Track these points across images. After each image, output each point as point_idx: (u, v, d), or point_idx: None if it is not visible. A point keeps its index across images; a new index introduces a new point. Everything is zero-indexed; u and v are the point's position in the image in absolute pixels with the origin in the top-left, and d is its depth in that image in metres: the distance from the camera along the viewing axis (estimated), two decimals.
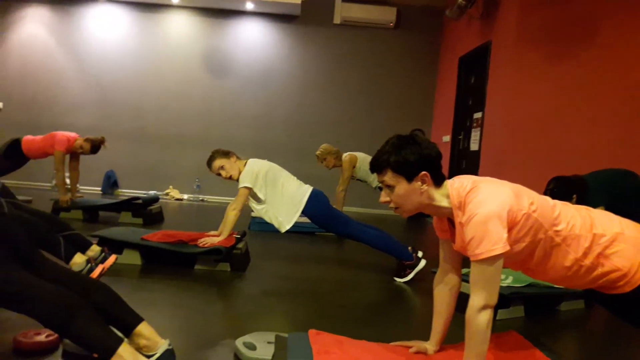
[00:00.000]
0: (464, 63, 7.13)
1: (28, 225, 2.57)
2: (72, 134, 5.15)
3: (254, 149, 7.35)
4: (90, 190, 7.58)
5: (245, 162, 3.56)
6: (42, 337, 1.97)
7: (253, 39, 7.89)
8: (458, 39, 7.34)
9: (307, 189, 3.58)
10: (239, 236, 3.58)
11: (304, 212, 3.52)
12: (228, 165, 3.52)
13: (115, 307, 1.76)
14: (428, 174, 1.68)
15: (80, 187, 5.75)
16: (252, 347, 2.03)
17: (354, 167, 5.49)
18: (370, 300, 3.07)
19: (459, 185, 1.69)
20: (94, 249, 2.83)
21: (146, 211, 5.11)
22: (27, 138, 5.08)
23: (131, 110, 7.86)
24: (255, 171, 3.48)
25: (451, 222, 1.77)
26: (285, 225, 3.53)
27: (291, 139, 7.95)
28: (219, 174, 3.56)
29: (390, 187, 1.71)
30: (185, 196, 7.83)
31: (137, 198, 5.23)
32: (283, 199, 3.52)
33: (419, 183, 1.68)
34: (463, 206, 1.64)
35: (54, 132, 5.11)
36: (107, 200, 5.38)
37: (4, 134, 7.59)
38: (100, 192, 7.66)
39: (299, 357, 1.73)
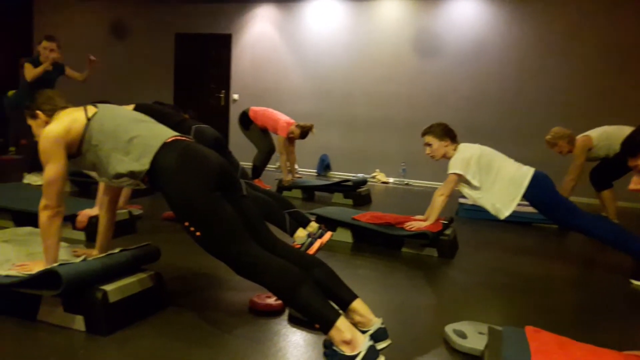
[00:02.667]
0: None
1: (261, 204, 2.92)
2: (291, 120, 5.67)
3: (465, 132, 7.06)
4: (306, 172, 8.26)
5: (456, 147, 3.45)
6: (272, 301, 2.22)
7: (464, 16, 7.59)
8: None
9: (528, 171, 3.32)
10: (446, 222, 3.52)
11: (525, 197, 3.28)
12: (436, 146, 3.46)
13: (333, 283, 1.88)
14: None
15: (297, 168, 6.33)
16: (462, 335, 1.98)
17: (589, 149, 4.66)
18: (598, 302, 2.73)
19: None
20: (313, 226, 3.07)
21: (356, 193, 5.37)
22: (253, 108, 5.80)
23: (342, 97, 8.29)
24: (466, 157, 3.36)
25: None
26: (503, 212, 3.33)
27: (505, 121, 7.47)
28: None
29: None
30: (391, 179, 7.99)
31: (348, 180, 5.53)
32: (500, 183, 3.32)
33: None
34: None
35: (276, 116, 5.67)
36: (322, 182, 5.80)
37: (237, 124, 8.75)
38: (315, 174, 8.29)
39: (516, 352, 1.63)
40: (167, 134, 2.02)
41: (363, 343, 1.63)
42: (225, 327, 2.05)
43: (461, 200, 5.22)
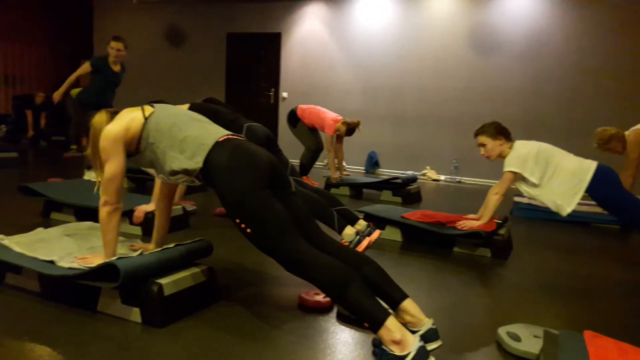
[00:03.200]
0: None
1: (310, 201, 2.93)
2: (338, 117, 5.66)
3: (521, 128, 6.90)
4: (354, 169, 8.24)
5: (511, 145, 3.34)
6: (320, 297, 2.23)
7: (521, 10, 7.34)
8: None
9: (591, 165, 3.18)
10: (500, 221, 3.42)
11: (588, 192, 3.14)
12: (490, 146, 3.36)
13: (383, 281, 1.86)
14: None
15: (345, 165, 6.30)
16: (516, 338, 1.93)
17: None
18: None
19: None
20: (361, 223, 3.06)
21: (405, 190, 5.31)
22: (300, 106, 5.87)
23: (392, 92, 8.21)
24: (523, 154, 3.24)
25: None
26: (565, 208, 3.19)
27: (563, 118, 7.19)
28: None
29: None
30: (442, 177, 7.85)
31: (397, 178, 5.47)
32: (560, 179, 3.19)
33: None
34: None
35: (324, 114, 5.68)
36: (371, 179, 5.78)
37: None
38: (364, 171, 8.25)
39: (573, 357, 1.56)
40: (220, 132, 2.06)
41: (413, 343, 1.61)
42: (274, 322, 2.08)
43: (516, 198, 5.06)
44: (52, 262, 2.15)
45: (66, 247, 2.35)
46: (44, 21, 11.48)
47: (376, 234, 2.96)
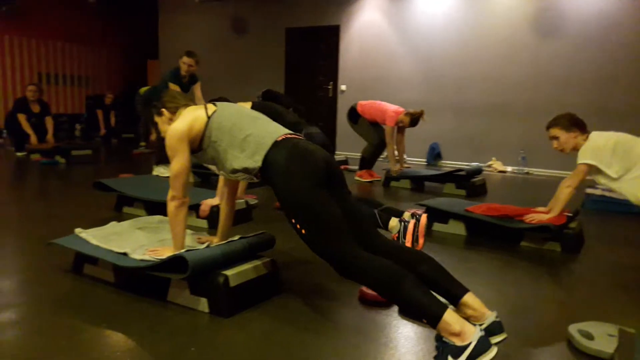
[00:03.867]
0: None
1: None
2: (399, 109, 5.57)
3: (593, 118, 6.52)
4: (416, 161, 8.12)
5: (587, 137, 3.15)
6: None
7: None
8: None
9: None
10: (571, 215, 3.27)
11: None
12: (563, 138, 3.18)
13: (441, 278, 1.83)
14: None
15: (406, 157, 6.20)
16: (589, 336, 1.84)
17: None
18: None
19: None
20: (407, 215, 2.97)
21: (469, 183, 5.17)
22: (360, 102, 5.84)
23: (454, 82, 8.00)
24: (599, 146, 3.04)
25: None
26: None
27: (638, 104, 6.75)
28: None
29: None
30: (509, 168, 7.58)
31: (461, 170, 5.33)
32: None
33: None
34: None
35: (384, 107, 5.61)
36: (433, 171, 5.66)
37: (345, 114, 8.81)
38: (425, 163, 8.11)
39: None
40: (279, 131, 2.09)
41: (474, 334, 1.57)
42: (335, 315, 2.09)
43: (588, 190, 4.81)
44: (125, 254, 2.26)
45: (138, 240, 2.47)
46: (112, 24, 12.06)
47: (423, 218, 2.88)
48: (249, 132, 2.08)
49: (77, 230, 2.55)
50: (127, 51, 12.50)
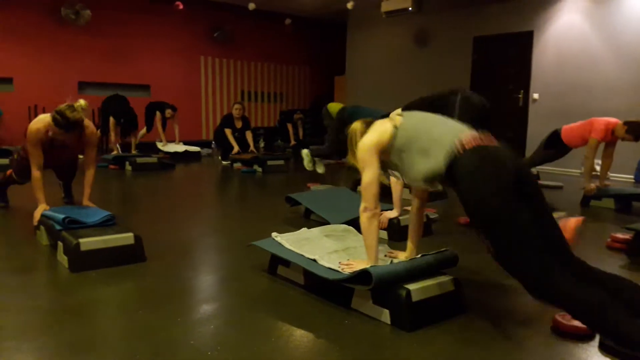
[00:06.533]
0: None
1: None
2: (612, 120, 4.88)
3: None
4: (620, 178, 7.17)
5: None
6: (579, 322, 2.00)
7: None
8: None
9: None
10: None
11: None
12: None
13: None
14: None
15: (609, 174, 5.47)
16: None
17: None
18: None
19: None
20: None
21: None
22: (566, 127, 5.11)
23: None
24: None
25: None
26: None
27: None
28: None
29: None
30: None
31: None
32: None
33: None
34: None
35: (593, 119, 4.96)
36: None
37: (537, 124, 8.19)
38: (632, 181, 7.12)
39: None
40: (467, 135, 2.02)
41: None
42: (524, 343, 1.95)
43: None
44: (314, 260, 2.42)
45: (325, 247, 2.62)
46: (303, 43, 13.01)
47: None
48: (434, 137, 2.06)
49: (274, 234, 2.80)
50: (315, 68, 13.37)
